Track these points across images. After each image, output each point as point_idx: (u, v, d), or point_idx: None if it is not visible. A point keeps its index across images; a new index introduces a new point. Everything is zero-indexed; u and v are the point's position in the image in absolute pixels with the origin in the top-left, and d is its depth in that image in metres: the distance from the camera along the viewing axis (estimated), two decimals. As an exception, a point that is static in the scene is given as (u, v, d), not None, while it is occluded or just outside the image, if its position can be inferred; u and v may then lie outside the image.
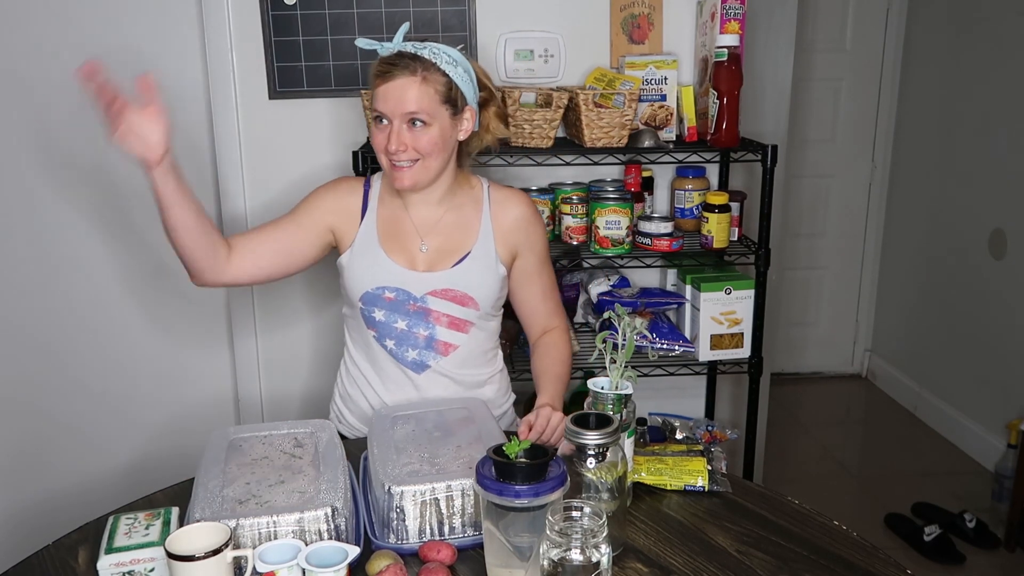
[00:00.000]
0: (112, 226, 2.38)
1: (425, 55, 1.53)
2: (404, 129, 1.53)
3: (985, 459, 3.19)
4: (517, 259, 1.69)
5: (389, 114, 1.53)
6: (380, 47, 1.56)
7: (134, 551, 1.15)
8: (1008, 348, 3.07)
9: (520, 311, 1.76)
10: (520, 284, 1.71)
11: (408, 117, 1.53)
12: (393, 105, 1.52)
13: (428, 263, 1.64)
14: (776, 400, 3.31)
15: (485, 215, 1.67)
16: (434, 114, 1.53)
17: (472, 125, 1.62)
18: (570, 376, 1.70)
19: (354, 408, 1.75)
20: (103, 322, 2.42)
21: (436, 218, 1.66)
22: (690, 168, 2.34)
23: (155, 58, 2.29)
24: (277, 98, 2.31)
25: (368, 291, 1.63)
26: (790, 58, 2.74)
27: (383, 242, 1.64)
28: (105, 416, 2.47)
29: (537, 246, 1.71)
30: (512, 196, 1.71)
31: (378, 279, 1.63)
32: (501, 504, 1.11)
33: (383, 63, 1.54)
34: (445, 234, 1.66)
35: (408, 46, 1.54)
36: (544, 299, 1.74)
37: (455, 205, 1.67)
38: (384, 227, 1.65)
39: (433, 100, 1.53)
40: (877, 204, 3.91)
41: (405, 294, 1.63)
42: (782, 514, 1.37)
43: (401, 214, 1.66)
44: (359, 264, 1.64)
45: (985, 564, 2.68)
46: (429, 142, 1.54)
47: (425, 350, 1.66)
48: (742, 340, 2.26)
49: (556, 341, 1.73)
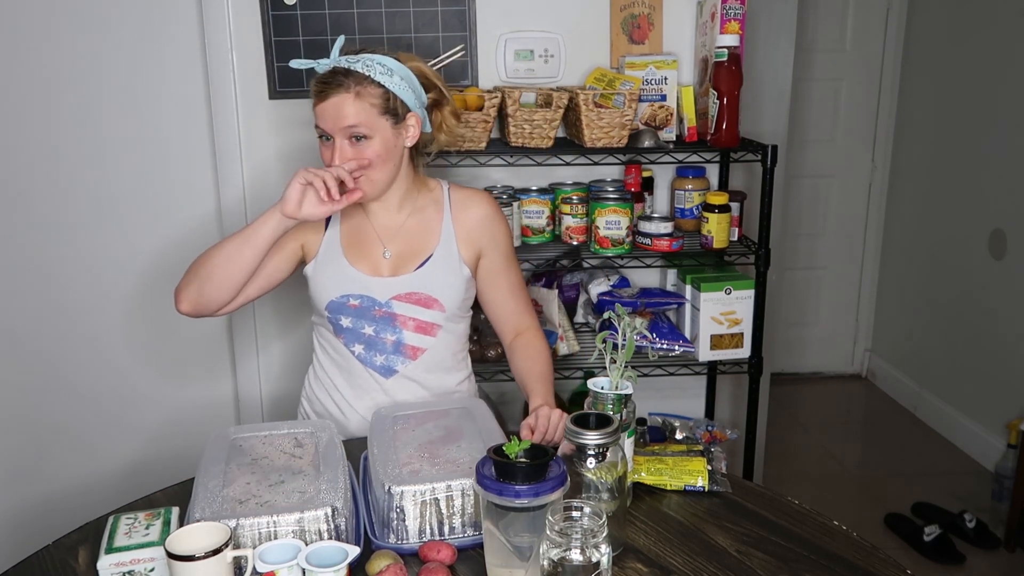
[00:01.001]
0: (110, 228, 2.38)
1: (358, 68, 1.52)
2: (346, 144, 1.54)
3: (985, 459, 3.19)
4: (482, 259, 1.70)
5: (329, 131, 1.54)
6: (316, 64, 1.56)
7: (134, 551, 1.15)
8: (1008, 348, 3.07)
9: (490, 312, 1.76)
10: (487, 283, 1.72)
11: (348, 133, 1.53)
12: (332, 123, 1.53)
13: (392, 268, 1.66)
14: (776, 400, 3.31)
15: (446, 217, 1.68)
16: (373, 126, 1.53)
17: (418, 131, 1.62)
18: (554, 373, 1.70)
19: (322, 412, 1.76)
20: (103, 322, 2.42)
21: (398, 224, 1.67)
22: (690, 168, 2.34)
23: (155, 58, 2.29)
24: (277, 98, 2.31)
25: (333, 299, 1.65)
26: (790, 58, 2.74)
27: (346, 251, 1.66)
28: (105, 416, 2.47)
29: (501, 244, 1.71)
30: (474, 196, 1.72)
31: (342, 287, 1.64)
32: (501, 504, 1.11)
33: (318, 82, 1.54)
34: (407, 238, 1.67)
35: (342, 61, 1.54)
36: (512, 297, 1.74)
37: (416, 209, 1.68)
38: (347, 236, 1.67)
39: (370, 113, 1.53)
40: (877, 204, 3.91)
41: (370, 300, 1.64)
42: (782, 514, 1.37)
43: (363, 222, 1.68)
44: (323, 274, 1.65)
45: (985, 564, 2.68)
46: (372, 155, 1.55)
47: (393, 355, 1.67)
48: (742, 340, 2.26)
49: (532, 340, 1.73)
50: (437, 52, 2.27)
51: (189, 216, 2.40)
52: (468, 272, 1.68)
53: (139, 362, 2.47)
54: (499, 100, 2.11)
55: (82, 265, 2.38)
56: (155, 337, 2.46)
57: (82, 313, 2.40)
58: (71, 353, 2.42)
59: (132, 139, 2.33)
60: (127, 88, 2.31)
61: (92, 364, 2.43)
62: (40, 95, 2.27)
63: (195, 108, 2.34)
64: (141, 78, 2.30)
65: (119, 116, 2.31)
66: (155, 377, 2.48)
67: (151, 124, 2.34)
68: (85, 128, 2.31)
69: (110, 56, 2.28)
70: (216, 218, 2.40)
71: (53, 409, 2.43)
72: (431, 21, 2.27)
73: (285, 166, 2.35)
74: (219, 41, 2.26)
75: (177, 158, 2.38)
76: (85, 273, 2.39)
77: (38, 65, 2.25)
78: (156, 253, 2.41)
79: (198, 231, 2.41)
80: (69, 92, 2.28)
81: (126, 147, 2.34)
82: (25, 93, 2.26)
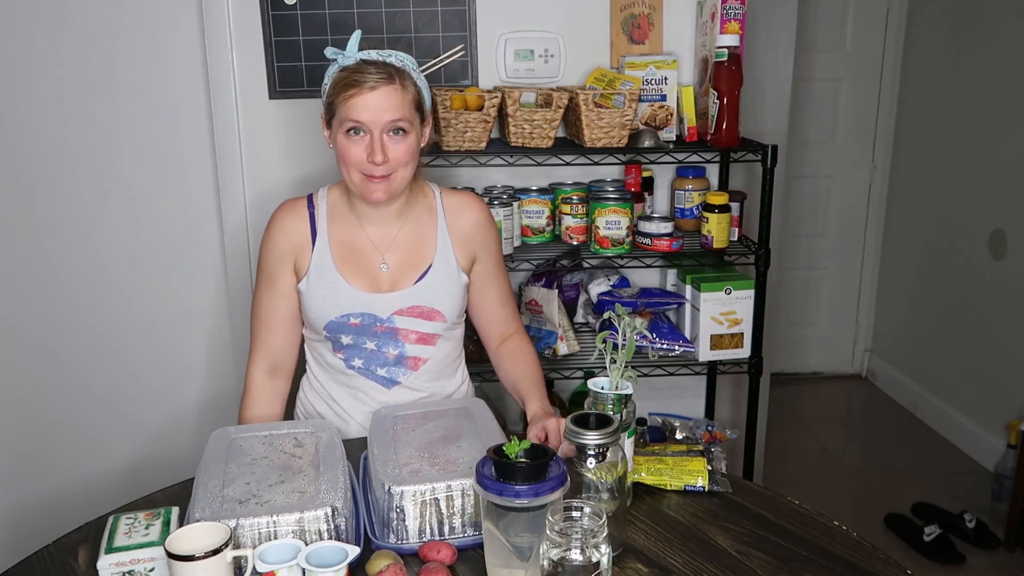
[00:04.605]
0: (110, 228, 2.38)
1: (394, 63, 1.51)
2: (386, 139, 1.51)
3: (985, 459, 3.19)
4: (475, 264, 1.68)
5: (370, 124, 1.49)
6: (342, 56, 1.52)
7: (134, 551, 1.15)
8: (1008, 348, 3.07)
9: (478, 317, 1.73)
10: (477, 289, 1.69)
11: (391, 126, 1.50)
12: (374, 115, 1.48)
13: (391, 282, 1.62)
14: (776, 400, 3.31)
15: (441, 224, 1.65)
16: (412, 122, 1.52)
17: (431, 131, 1.62)
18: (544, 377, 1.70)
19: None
20: (103, 322, 2.42)
21: (393, 234, 1.63)
22: (690, 168, 2.34)
23: (155, 58, 2.29)
24: (277, 98, 2.30)
25: (332, 320, 1.60)
26: (790, 58, 2.74)
27: (340, 267, 1.60)
28: (105, 416, 2.47)
29: (493, 249, 1.70)
30: (467, 201, 1.69)
31: (341, 307, 1.60)
32: (501, 504, 1.11)
33: (355, 72, 1.49)
34: (404, 249, 1.63)
35: (374, 54, 1.51)
36: (501, 303, 1.72)
37: (412, 218, 1.64)
38: (339, 250, 1.61)
39: (410, 108, 1.52)
40: (877, 204, 3.91)
41: (371, 317, 1.61)
42: (782, 514, 1.37)
43: (356, 232, 1.62)
44: (316, 291, 1.60)
45: (985, 564, 2.68)
46: (407, 151, 1.52)
47: (395, 367, 1.65)
48: (742, 340, 2.26)
49: (521, 344, 1.72)
50: (437, 52, 2.27)
51: (189, 216, 2.40)
52: (466, 279, 1.67)
53: (139, 361, 2.47)
54: (499, 100, 2.10)
55: (83, 264, 2.38)
56: (155, 336, 2.46)
57: (83, 312, 2.40)
58: (71, 353, 2.42)
59: (132, 139, 2.33)
60: (127, 88, 2.31)
61: (92, 363, 2.43)
62: (40, 95, 2.27)
63: (195, 108, 2.34)
64: (141, 78, 2.30)
65: (119, 116, 2.31)
66: (155, 377, 2.48)
67: (151, 124, 2.34)
68: (85, 128, 2.31)
69: (110, 56, 2.28)
70: (216, 218, 2.40)
71: (53, 409, 2.43)
72: (431, 21, 2.27)
73: (285, 166, 2.35)
74: (219, 41, 2.26)
75: (177, 158, 2.38)
76: (86, 272, 2.39)
77: (38, 65, 2.25)
78: (156, 253, 2.41)
79: (198, 231, 2.42)
80: (69, 92, 2.28)
81: (126, 147, 2.34)
82: (25, 93, 2.26)
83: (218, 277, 2.44)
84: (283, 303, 1.64)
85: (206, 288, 2.45)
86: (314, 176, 2.30)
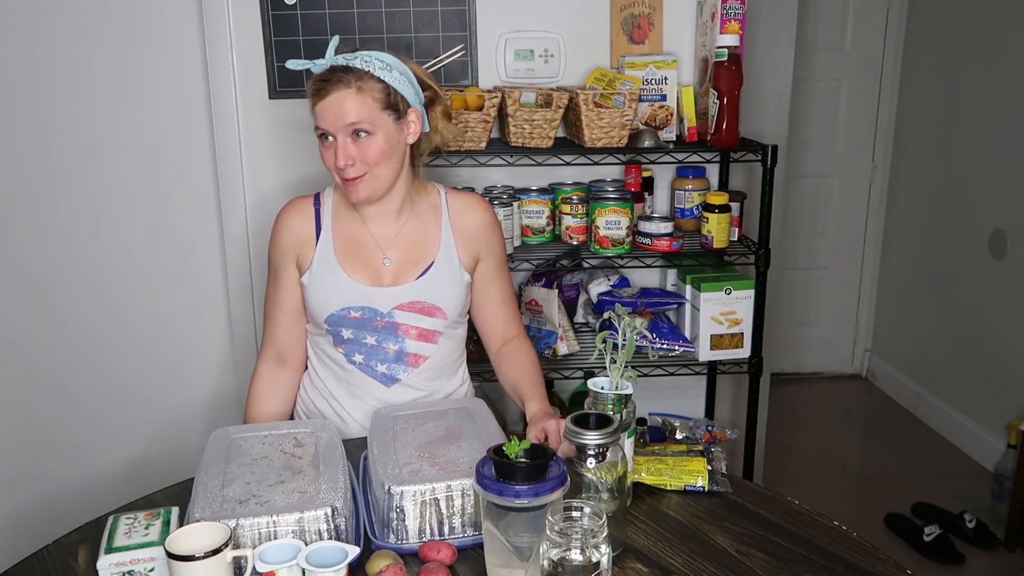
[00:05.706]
0: (111, 228, 2.38)
1: (357, 65, 1.51)
2: (349, 142, 1.52)
3: (985, 459, 3.19)
4: (479, 265, 1.69)
5: (331, 129, 1.52)
6: (312, 65, 1.55)
7: (134, 551, 1.15)
8: (1008, 348, 3.07)
9: (480, 318, 1.74)
10: (480, 290, 1.70)
11: (350, 129, 1.51)
12: (333, 120, 1.51)
13: (393, 276, 1.63)
14: (776, 400, 3.30)
15: (445, 222, 1.66)
16: (376, 122, 1.52)
17: (419, 127, 1.61)
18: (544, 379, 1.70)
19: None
20: (104, 322, 2.42)
21: (396, 230, 1.65)
22: (690, 168, 2.34)
23: (155, 58, 2.29)
24: (277, 98, 2.30)
25: (333, 313, 1.62)
26: (790, 58, 2.74)
27: (343, 261, 1.62)
28: (105, 416, 2.47)
29: (496, 250, 1.70)
30: (472, 202, 1.70)
31: (342, 299, 1.61)
32: (501, 504, 1.11)
33: (317, 80, 1.52)
34: (407, 245, 1.64)
35: (340, 59, 1.52)
36: (503, 304, 1.73)
37: (415, 215, 1.66)
38: (342, 245, 1.64)
39: (372, 108, 1.51)
40: (877, 204, 3.91)
41: (372, 311, 1.62)
42: (782, 514, 1.37)
43: (359, 229, 1.65)
44: (318, 285, 1.62)
45: (985, 564, 2.68)
46: (376, 151, 1.53)
47: (395, 363, 1.66)
48: (742, 340, 2.26)
49: (522, 347, 1.73)
50: (437, 52, 2.27)
51: (189, 216, 2.40)
52: (469, 278, 1.67)
53: (139, 361, 2.47)
54: (499, 100, 2.10)
55: (83, 264, 2.38)
56: (155, 336, 2.46)
57: (83, 312, 2.40)
58: (72, 352, 2.42)
59: (132, 139, 2.33)
60: (127, 88, 2.31)
61: (92, 363, 2.43)
62: (40, 96, 2.26)
63: (195, 108, 2.34)
64: (141, 78, 2.30)
65: (119, 116, 2.31)
66: (155, 377, 2.48)
67: (151, 124, 2.34)
68: (85, 128, 2.31)
69: (110, 56, 2.28)
70: (216, 218, 2.40)
71: (53, 408, 2.43)
72: (431, 21, 2.27)
73: (285, 166, 2.35)
74: (219, 41, 2.26)
75: (177, 158, 2.38)
76: (86, 272, 2.39)
77: (38, 66, 2.25)
78: (156, 253, 2.41)
79: (198, 231, 2.42)
80: (69, 92, 2.28)
81: (126, 147, 2.34)
82: (25, 94, 2.26)
83: (218, 277, 2.45)
84: (287, 297, 1.68)
85: (206, 288, 2.45)
86: (314, 176, 2.30)
